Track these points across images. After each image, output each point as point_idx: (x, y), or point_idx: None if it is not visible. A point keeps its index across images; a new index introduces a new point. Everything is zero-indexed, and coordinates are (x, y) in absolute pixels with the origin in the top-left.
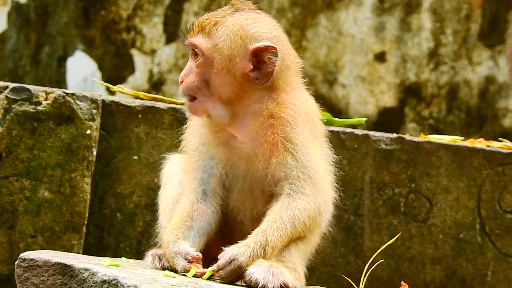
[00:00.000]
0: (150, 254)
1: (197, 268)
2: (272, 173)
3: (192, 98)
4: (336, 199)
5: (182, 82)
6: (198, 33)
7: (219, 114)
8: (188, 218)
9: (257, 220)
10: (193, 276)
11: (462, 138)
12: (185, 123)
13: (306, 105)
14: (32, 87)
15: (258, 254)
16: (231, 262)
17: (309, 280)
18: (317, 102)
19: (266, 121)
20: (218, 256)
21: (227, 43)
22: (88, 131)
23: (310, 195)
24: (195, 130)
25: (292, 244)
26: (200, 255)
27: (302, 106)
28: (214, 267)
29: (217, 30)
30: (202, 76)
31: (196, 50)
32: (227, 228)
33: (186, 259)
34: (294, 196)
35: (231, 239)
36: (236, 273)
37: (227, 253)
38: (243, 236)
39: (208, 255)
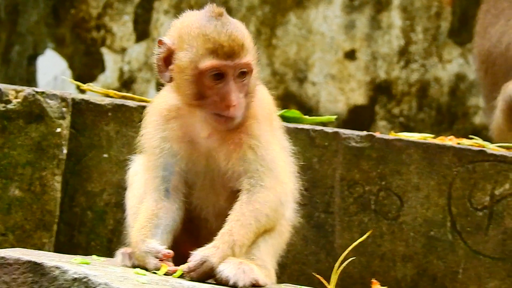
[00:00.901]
0: (120, 253)
1: (168, 266)
2: (231, 168)
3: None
4: (302, 193)
5: (235, 106)
6: (244, 52)
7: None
8: (153, 216)
9: (220, 215)
10: (164, 274)
11: (433, 135)
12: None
13: (266, 99)
14: (2, 86)
15: (228, 254)
16: (203, 263)
17: (280, 277)
18: (287, 100)
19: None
20: (188, 260)
21: (255, 53)
22: (58, 130)
23: (269, 187)
24: (156, 126)
25: (261, 240)
26: (172, 252)
27: (263, 100)
28: (185, 268)
29: (250, 44)
30: (246, 92)
31: (245, 69)
32: (193, 226)
33: (157, 257)
34: (253, 191)
35: (198, 237)
36: (208, 274)
37: (198, 255)
38: (209, 233)
39: (176, 253)
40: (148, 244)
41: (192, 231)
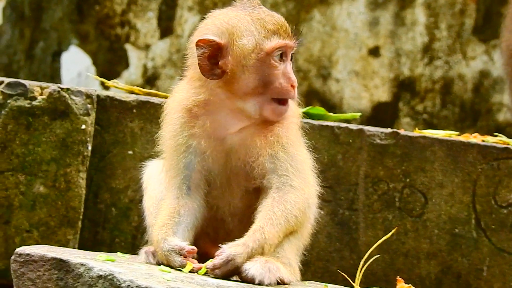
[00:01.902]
0: (143, 252)
1: (192, 263)
2: (261, 165)
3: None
4: (326, 190)
5: (295, 86)
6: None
7: None
8: (175, 213)
9: (235, 215)
10: (189, 271)
11: (457, 133)
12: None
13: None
14: (27, 82)
15: (257, 252)
16: (228, 262)
17: (304, 275)
18: (311, 97)
19: None
20: (216, 254)
21: None
22: (83, 126)
23: (299, 188)
24: (182, 123)
25: (285, 239)
26: (195, 248)
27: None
28: (209, 265)
29: None
30: None
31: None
32: (211, 227)
33: (181, 254)
34: (284, 190)
35: (216, 237)
36: (232, 272)
37: (225, 253)
38: (226, 234)
39: (200, 252)
40: (170, 242)
41: (209, 232)
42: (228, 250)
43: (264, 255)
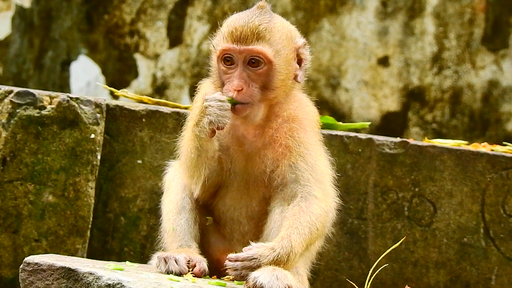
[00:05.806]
0: (156, 257)
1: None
2: (282, 174)
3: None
4: (338, 203)
5: (240, 91)
6: (257, 40)
7: (258, 115)
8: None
9: (252, 218)
10: (193, 275)
11: (466, 142)
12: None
13: (313, 109)
14: (36, 92)
15: (282, 260)
16: (252, 259)
17: (313, 284)
18: (320, 106)
19: (283, 123)
20: (243, 249)
21: (286, 47)
22: (92, 135)
23: (321, 199)
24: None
25: None
26: (203, 267)
27: (311, 109)
28: (232, 256)
29: (274, 36)
30: (262, 83)
31: (258, 58)
32: (226, 229)
33: (188, 264)
34: (310, 200)
35: (231, 240)
36: (250, 271)
37: (252, 250)
38: (242, 236)
39: (212, 259)
40: (182, 253)
41: (225, 235)
42: (256, 249)
43: (289, 264)
